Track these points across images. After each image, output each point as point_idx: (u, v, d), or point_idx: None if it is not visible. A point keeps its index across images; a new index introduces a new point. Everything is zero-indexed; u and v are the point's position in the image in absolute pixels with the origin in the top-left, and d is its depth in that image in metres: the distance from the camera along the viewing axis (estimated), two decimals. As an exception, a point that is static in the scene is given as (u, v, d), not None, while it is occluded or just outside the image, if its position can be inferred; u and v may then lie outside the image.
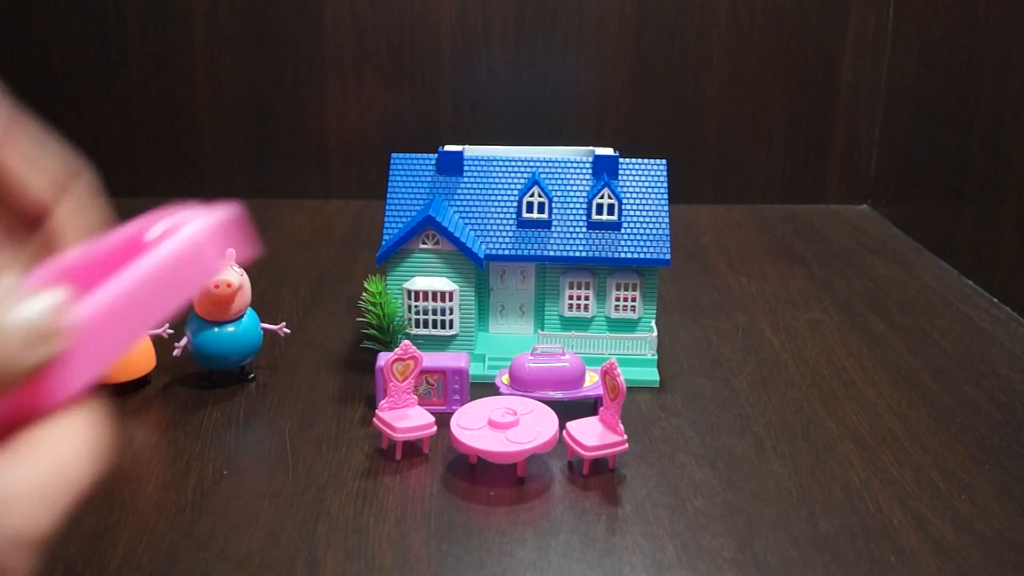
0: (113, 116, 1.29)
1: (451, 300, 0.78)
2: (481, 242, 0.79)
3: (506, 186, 0.81)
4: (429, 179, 0.82)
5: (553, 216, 0.80)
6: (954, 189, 1.08)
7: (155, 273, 0.28)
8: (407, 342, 0.67)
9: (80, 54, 1.26)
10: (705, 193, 1.33)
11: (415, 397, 0.69)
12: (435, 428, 0.67)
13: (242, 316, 0.75)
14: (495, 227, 0.80)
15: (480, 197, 0.81)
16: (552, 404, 0.69)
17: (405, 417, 0.67)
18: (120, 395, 0.75)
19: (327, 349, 0.84)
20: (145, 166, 1.31)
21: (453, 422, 0.66)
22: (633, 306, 0.80)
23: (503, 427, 0.64)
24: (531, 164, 0.82)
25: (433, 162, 0.82)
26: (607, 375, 0.65)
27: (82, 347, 0.26)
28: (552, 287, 0.81)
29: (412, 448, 0.68)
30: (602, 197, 0.79)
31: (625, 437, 0.65)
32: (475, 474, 0.65)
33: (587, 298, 0.80)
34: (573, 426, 0.66)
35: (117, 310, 0.27)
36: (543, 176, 0.81)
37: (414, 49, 1.27)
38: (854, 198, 1.33)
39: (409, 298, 0.78)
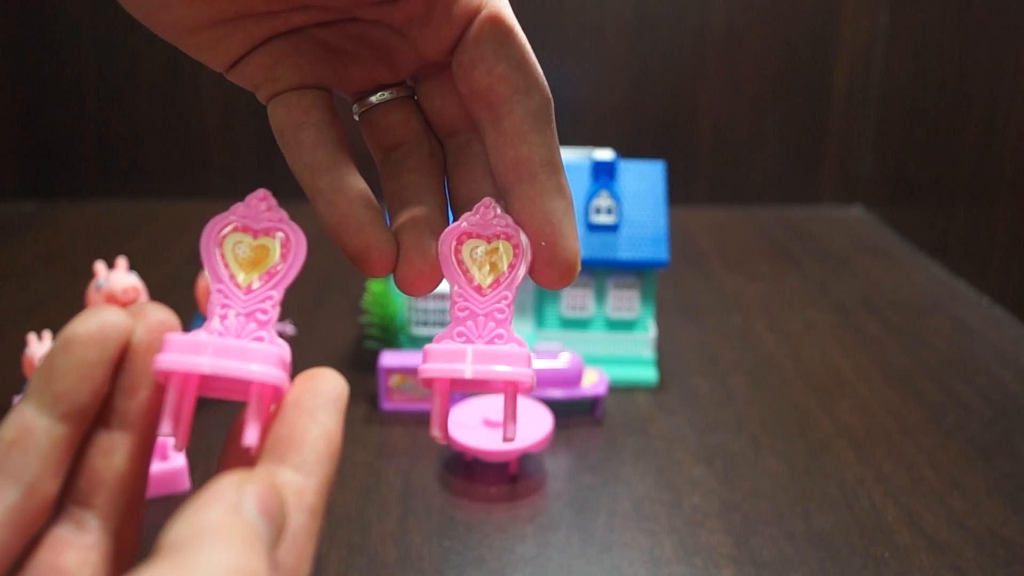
0: (117, 116, 1.30)
1: (452, 300, 0.78)
2: (481, 243, 0.80)
3: (506, 188, 0.82)
4: (430, 181, 0.82)
5: (552, 218, 0.80)
6: (946, 191, 1.09)
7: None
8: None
9: (85, 54, 1.27)
10: (702, 195, 1.34)
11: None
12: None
13: (246, 316, 0.76)
14: (495, 229, 0.80)
15: (480, 199, 0.81)
16: (551, 403, 0.70)
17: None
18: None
19: (331, 348, 0.85)
20: (149, 167, 1.32)
21: (448, 420, 0.66)
22: (631, 307, 0.81)
23: (497, 426, 0.65)
24: (530, 166, 0.82)
25: (434, 164, 0.83)
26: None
27: None
28: (551, 288, 0.81)
29: (413, 449, 0.69)
30: (601, 199, 0.80)
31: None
32: (474, 471, 0.66)
33: (586, 298, 0.81)
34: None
35: None
36: (542, 178, 0.82)
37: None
38: (848, 200, 1.34)
39: (411, 298, 0.78)
